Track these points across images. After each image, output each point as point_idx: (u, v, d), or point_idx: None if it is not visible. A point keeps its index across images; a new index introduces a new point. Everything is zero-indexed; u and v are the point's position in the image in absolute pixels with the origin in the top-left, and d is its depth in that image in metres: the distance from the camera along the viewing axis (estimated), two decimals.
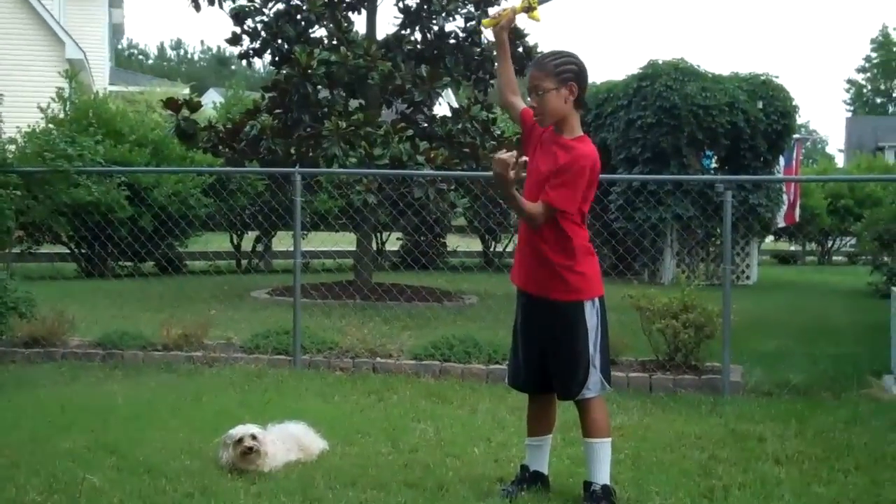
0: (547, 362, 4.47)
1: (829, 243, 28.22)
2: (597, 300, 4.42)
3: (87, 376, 7.61)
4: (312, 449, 5.22)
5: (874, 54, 75.24)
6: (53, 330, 8.58)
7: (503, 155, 4.10)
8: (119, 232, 14.37)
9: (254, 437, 4.91)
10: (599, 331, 4.42)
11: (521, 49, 13.52)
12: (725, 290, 7.75)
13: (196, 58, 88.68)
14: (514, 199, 4.21)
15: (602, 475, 4.43)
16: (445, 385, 7.42)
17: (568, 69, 4.33)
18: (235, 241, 19.35)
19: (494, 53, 13.30)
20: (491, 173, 4.23)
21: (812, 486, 4.83)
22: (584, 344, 4.38)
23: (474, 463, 5.19)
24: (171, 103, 13.31)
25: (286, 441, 5.12)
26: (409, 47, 13.55)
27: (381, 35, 13.79)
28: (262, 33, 13.48)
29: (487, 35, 13.76)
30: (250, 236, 19.48)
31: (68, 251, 16.88)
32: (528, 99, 4.47)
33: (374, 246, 17.73)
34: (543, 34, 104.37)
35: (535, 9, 4.70)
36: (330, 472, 4.89)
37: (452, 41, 13.68)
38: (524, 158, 4.31)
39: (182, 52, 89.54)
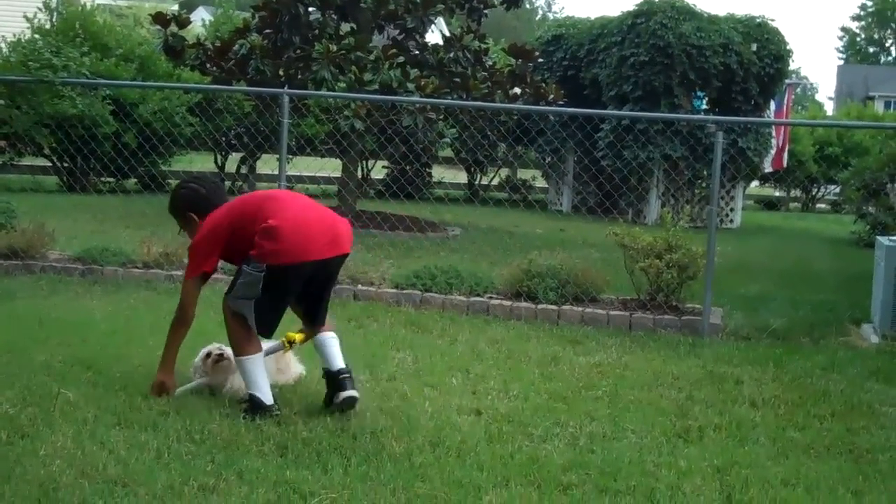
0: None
1: (815, 190, 28.23)
2: None
3: (66, 291, 7.57)
4: (290, 373, 5.21)
5: (869, 2, 74.78)
6: (33, 242, 8.51)
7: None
8: (102, 147, 14.20)
9: (220, 348, 4.91)
10: None
11: None
12: (710, 231, 7.74)
13: None
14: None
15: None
16: (426, 315, 7.41)
17: (180, 206, 5.09)
18: (220, 162, 19.20)
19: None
20: (479, 104, 4.22)
21: (787, 430, 4.85)
22: None
23: (451, 393, 5.20)
24: (159, 18, 13.09)
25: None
26: None
27: None
28: None
29: None
30: (235, 157, 19.34)
31: (50, 164, 16.71)
32: None
33: (360, 173, 17.61)
34: None
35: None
36: (306, 398, 4.89)
37: None
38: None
39: None
